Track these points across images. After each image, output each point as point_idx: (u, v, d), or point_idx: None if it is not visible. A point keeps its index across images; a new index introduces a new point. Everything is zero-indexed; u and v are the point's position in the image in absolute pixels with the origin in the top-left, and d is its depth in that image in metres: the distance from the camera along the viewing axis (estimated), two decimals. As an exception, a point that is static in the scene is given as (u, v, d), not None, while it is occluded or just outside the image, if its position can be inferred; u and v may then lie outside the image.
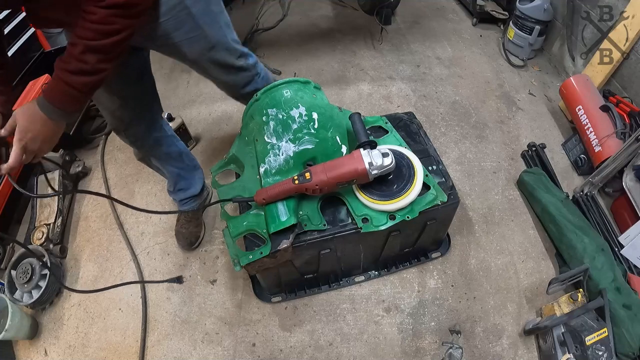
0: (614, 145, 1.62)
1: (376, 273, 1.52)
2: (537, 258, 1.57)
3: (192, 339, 1.42)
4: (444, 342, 1.35)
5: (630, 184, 1.53)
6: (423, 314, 1.43)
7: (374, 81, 2.33)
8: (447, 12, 2.88)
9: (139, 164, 1.53)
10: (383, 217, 1.15)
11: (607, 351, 1.15)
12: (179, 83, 2.43)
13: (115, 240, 1.70)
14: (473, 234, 1.64)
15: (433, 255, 1.55)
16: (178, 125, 1.89)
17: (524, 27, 2.31)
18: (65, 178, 1.83)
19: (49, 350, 1.43)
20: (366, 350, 1.37)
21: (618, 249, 1.47)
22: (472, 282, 1.51)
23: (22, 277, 1.47)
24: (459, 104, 2.17)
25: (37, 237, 1.62)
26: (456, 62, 2.44)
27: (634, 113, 1.66)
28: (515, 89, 2.26)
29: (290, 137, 1.16)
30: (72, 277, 1.61)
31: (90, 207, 1.84)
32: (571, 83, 1.88)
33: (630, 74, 1.82)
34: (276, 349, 1.38)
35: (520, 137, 2.00)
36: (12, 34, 1.99)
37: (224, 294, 1.51)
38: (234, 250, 1.13)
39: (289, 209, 1.09)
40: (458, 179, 1.80)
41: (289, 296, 1.47)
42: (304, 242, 1.15)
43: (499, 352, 1.34)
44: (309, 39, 2.66)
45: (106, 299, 1.53)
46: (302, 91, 1.22)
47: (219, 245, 1.64)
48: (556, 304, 1.31)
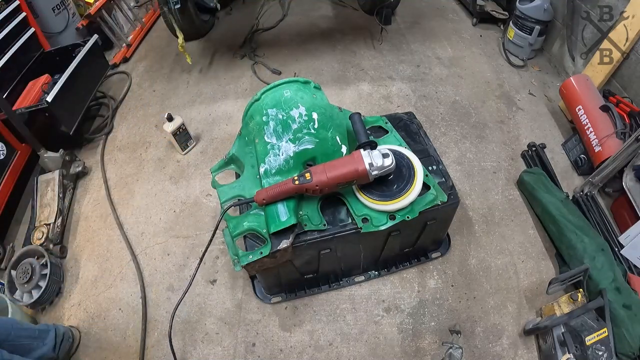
0: (614, 145, 1.62)
1: (376, 273, 1.52)
2: (537, 258, 1.57)
3: (192, 339, 1.42)
4: (444, 342, 1.35)
5: (630, 184, 1.53)
6: (423, 314, 1.43)
7: (374, 81, 2.32)
8: (447, 12, 2.88)
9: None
10: (383, 217, 1.15)
11: (607, 351, 1.15)
12: (179, 83, 2.44)
13: (115, 240, 1.70)
14: (473, 234, 1.64)
15: (433, 255, 1.55)
16: (178, 125, 1.89)
17: (524, 27, 2.31)
18: (65, 178, 1.83)
19: (49, 350, 1.43)
20: (366, 350, 1.36)
21: (618, 249, 1.47)
22: (472, 282, 1.51)
23: (22, 277, 1.47)
24: (459, 104, 2.17)
25: (37, 237, 1.62)
26: (456, 62, 2.44)
27: (634, 113, 1.66)
28: (515, 89, 2.25)
29: (290, 137, 1.16)
30: (72, 277, 1.61)
31: (90, 207, 1.84)
32: (571, 83, 1.88)
33: (630, 74, 1.82)
34: (276, 349, 1.38)
35: (520, 137, 2.00)
36: (12, 34, 1.98)
37: (224, 294, 1.51)
38: (234, 250, 1.13)
39: (289, 209, 1.09)
40: (458, 179, 1.80)
41: (289, 296, 1.47)
42: (304, 242, 1.15)
43: (499, 352, 1.34)
44: (309, 39, 2.66)
45: (106, 299, 1.53)
46: (302, 91, 1.22)
47: (219, 246, 1.64)
48: (556, 304, 1.31)
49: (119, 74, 2.55)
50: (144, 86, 2.46)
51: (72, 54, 2.10)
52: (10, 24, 1.99)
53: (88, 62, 2.10)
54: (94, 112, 2.31)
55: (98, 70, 2.26)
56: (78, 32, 2.50)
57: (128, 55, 2.68)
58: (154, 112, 2.26)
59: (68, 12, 2.52)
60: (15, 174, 1.79)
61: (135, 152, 2.05)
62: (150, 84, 2.46)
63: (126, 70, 2.57)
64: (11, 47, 1.96)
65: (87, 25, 2.50)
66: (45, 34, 2.29)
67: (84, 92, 2.10)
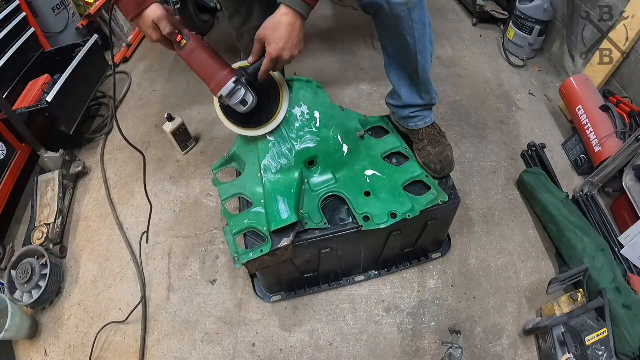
0: (614, 145, 1.62)
1: (376, 273, 1.52)
2: (537, 258, 1.57)
3: (192, 339, 1.41)
4: (444, 342, 1.35)
5: (630, 184, 1.53)
6: (423, 314, 1.43)
7: (374, 81, 2.32)
8: (447, 12, 2.88)
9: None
10: (384, 215, 1.15)
11: (607, 351, 1.15)
12: (179, 83, 2.43)
13: (115, 240, 1.70)
14: (473, 234, 1.64)
15: (433, 255, 1.55)
16: (178, 125, 1.89)
17: (524, 27, 2.31)
18: (65, 178, 1.83)
19: (49, 350, 1.43)
20: (366, 350, 1.36)
21: (618, 249, 1.47)
22: (472, 282, 1.51)
23: (22, 277, 1.47)
24: (459, 104, 2.17)
25: (37, 237, 1.62)
26: (456, 62, 2.44)
27: (634, 113, 1.66)
28: (515, 89, 2.26)
29: (292, 136, 1.16)
30: (72, 277, 1.61)
31: (90, 207, 1.84)
32: (571, 83, 1.88)
33: (630, 74, 1.82)
34: (276, 349, 1.38)
35: (520, 137, 2.00)
36: (12, 34, 1.98)
37: (224, 294, 1.51)
38: (235, 248, 1.13)
39: (290, 207, 1.10)
40: (458, 179, 1.80)
41: (289, 295, 1.47)
42: (304, 240, 1.15)
43: (499, 352, 1.34)
44: (309, 39, 2.66)
45: (106, 299, 1.53)
46: (304, 90, 1.22)
47: (219, 246, 1.64)
48: (556, 304, 1.31)
49: (119, 74, 2.55)
50: (144, 86, 2.46)
51: (72, 54, 2.10)
52: (10, 24, 1.98)
53: (88, 62, 2.10)
54: (94, 112, 2.31)
55: (98, 70, 2.26)
56: (78, 32, 2.50)
57: (128, 55, 2.69)
58: (154, 112, 2.26)
59: (68, 12, 2.52)
60: (15, 174, 1.79)
61: (135, 152, 2.03)
62: (150, 84, 2.46)
63: (126, 70, 2.57)
64: (11, 47, 1.96)
65: (87, 25, 2.50)
66: (45, 34, 2.29)
67: (84, 92, 2.11)
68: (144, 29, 0.98)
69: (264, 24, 1.01)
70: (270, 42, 0.99)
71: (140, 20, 0.96)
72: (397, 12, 1.02)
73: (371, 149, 1.33)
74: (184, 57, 1.04)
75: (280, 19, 0.97)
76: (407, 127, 1.34)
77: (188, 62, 1.04)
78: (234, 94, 1.04)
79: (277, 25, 0.98)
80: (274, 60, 1.01)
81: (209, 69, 1.03)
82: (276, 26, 0.98)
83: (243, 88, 1.05)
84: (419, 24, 1.06)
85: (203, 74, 1.04)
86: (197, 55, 1.03)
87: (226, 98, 1.04)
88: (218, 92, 1.03)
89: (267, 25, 1.00)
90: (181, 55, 1.04)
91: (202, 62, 1.03)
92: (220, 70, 1.03)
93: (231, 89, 1.02)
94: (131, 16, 0.95)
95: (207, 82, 1.04)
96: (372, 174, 1.26)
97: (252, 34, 1.30)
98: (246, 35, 1.44)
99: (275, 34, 0.98)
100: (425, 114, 1.30)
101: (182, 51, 1.03)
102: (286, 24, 0.98)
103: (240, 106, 1.07)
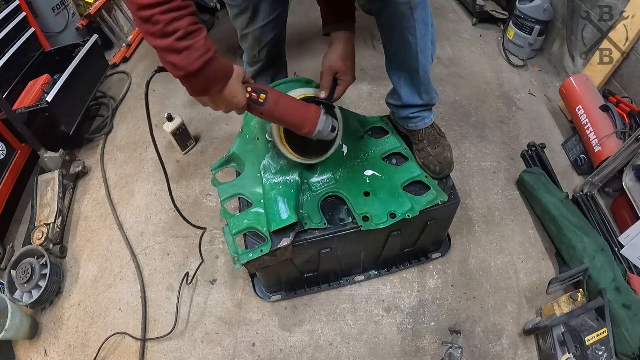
0: (614, 145, 1.62)
1: (376, 273, 1.52)
2: (537, 258, 1.57)
3: (192, 339, 1.42)
4: (444, 342, 1.34)
5: (630, 184, 1.53)
6: (423, 314, 1.43)
7: (374, 81, 2.32)
8: (447, 12, 2.88)
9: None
10: (384, 216, 1.15)
11: (607, 351, 1.15)
12: (179, 83, 2.41)
13: (115, 240, 1.70)
14: (473, 234, 1.64)
15: (433, 255, 1.55)
16: (178, 125, 1.89)
17: (524, 27, 2.31)
18: (65, 178, 1.83)
19: (49, 350, 1.43)
20: (366, 350, 1.36)
21: (618, 249, 1.47)
22: (472, 282, 1.51)
23: (22, 277, 1.47)
24: (459, 104, 2.17)
25: (37, 237, 1.62)
26: (456, 62, 2.44)
27: (634, 113, 1.66)
28: (515, 89, 2.25)
29: (292, 136, 1.16)
30: (72, 277, 1.61)
31: (90, 207, 1.84)
32: (571, 83, 1.88)
33: (630, 74, 1.82)
34: (276, 349, 1.38)
35: (520, 137, 2.00)
36: (12, 34, 1.98)
37: (224, 294, 1.51)
38: (235, 248, 1.13)
39: (289, 208, 1.10)
40: (458, 179, 1.80)
41: (289, 295, 1.47)
42: (304, 240, 1.15)
43: (499, 352, 1.34)
44: (309, 39, 2.66)
45: (106, 299, 1.53)
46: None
47: (219, 246, 1.64)
48: (556, 304, 1.31)
49: (119, 74, 2.55)
50: (144, 86, 2.45)
51: (72, 54, 2.10)
52: (10, 24, 1.99)
53: (88, 62, 2.10)
54: (94, 112, 2.31)
55: (98, 70, 2.26)
56: (78, 32, 2.50)
57: (128, 55, 2.69)
58: (154, 112, 2.23)
59: (68, 12, 2.52)
60: (15, 174, 1.79)
61: (135, 152, 2.05)
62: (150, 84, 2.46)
63: (126, 70, 2.57)
64: (11, 47, 1.96)
65: (87, 25, 2.50)
66: (45, 34, 2.29)
67: (84, 92, 2.11)
68: (233, 96, 0.86)
69: (330, 56, 1.04)
70: (344, 72, 1.04)
71: (231, 84, 0.85)
72: (400, 11, 1.02)
73: (371, 149, 1.33)
74: (268, 112, 0.93)
75: (346, 47, 1.01)
76: (406, 128, 1.33)
77: (273, 115, 0.95)
78: (326, 125, 1.02)
79: (346, 54, 1.01)
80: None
81: (298, 113, 0.98)
82: (346, 56, 1.02)
83: (329, 116, 1.04)
84: (421, 24, 1.06)
85: (293, 120, 0.98)
86: (282, 104, 0.95)
87: (322, 132, 1.01)
88: (315, 130, 0.99)
89: (334, 57, 1.03)
90: (263, 111, 0.93)
91: (289, 109, 0.97)
92: (306, 108, 0.99)
93: (324, 121, 1.01)
94: (220, 85, 0.85)
95: (299, 125, 0.99)
96: (372, 174, 1.26)
97: (255, 35, 1.30)
98: (250, 36, 1.41)
99: (347, 63, 1.03)
100: (425, 114, 1.30)
101: (265, 107, 0.92)
102: (352, 50, 1.03)
103: (332, 134, 1.06)
